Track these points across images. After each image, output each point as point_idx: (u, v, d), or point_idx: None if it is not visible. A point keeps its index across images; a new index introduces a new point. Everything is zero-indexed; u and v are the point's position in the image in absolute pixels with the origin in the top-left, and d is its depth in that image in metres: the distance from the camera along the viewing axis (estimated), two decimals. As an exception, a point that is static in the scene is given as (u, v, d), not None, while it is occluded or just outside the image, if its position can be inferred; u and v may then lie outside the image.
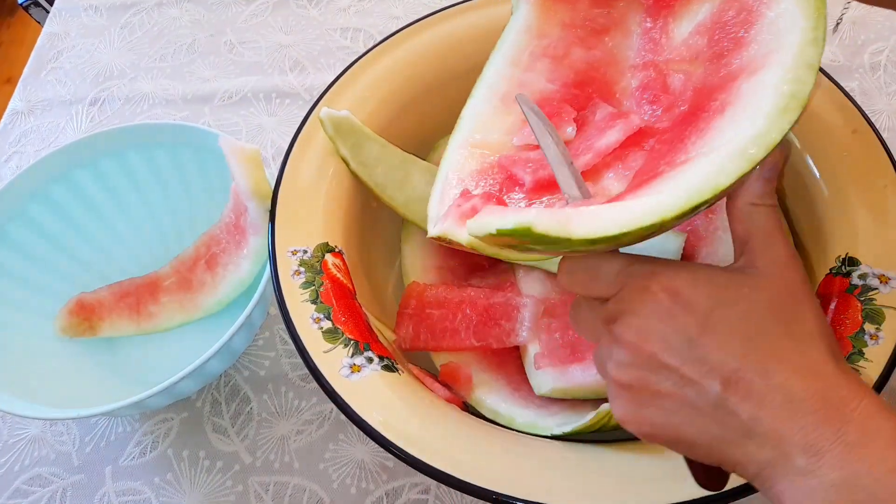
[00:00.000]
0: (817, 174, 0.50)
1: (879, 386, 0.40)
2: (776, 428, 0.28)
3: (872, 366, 0.41)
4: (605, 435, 0.44)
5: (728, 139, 0.31)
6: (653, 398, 0.31)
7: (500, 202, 0.40)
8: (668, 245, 0.46)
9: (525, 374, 0.49)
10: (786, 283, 0.31)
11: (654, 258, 0.34)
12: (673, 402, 0.31)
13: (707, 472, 0.34)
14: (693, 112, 0.36)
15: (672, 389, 0.30)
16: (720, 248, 0.48)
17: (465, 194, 0.41)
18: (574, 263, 0.34)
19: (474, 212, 0.38)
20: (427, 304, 0.51)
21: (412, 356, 0.52)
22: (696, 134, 0.34)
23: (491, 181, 0.44)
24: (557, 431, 0.43)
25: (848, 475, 0.27)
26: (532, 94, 0.46)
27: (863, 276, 0.44)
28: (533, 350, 0.48)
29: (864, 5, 0.77)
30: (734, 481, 0.37)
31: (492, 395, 0.48)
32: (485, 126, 0.47)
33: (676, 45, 0.41)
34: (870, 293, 0.43)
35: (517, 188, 0.42)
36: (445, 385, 0.49)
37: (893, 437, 0.27)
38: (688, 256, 0.50)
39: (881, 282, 0.44)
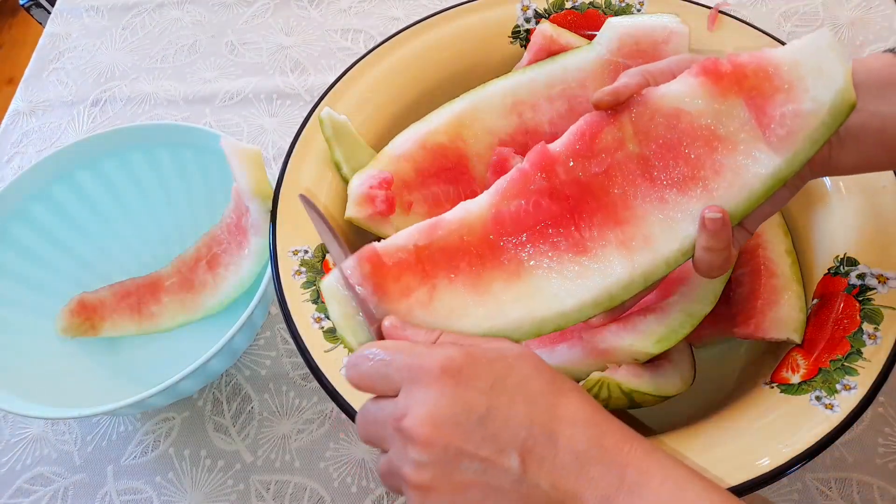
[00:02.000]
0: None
1: (878, 385, 0.40)
2: (572, 488, 0.30)
3: (871, 365, 0.41)
4: None
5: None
6: (458, 493, 0.31)
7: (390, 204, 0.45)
8: None
9: None
10: (532, 355, 0.34)
11: (429, 348, 0.34)
12: (479, 491, 0.30)
13: None
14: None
15: (475, 477, 0.30)
16: None
17: (383, 184, 0.46)
18: (359, 359, 0.34)
19: (384, 204, 0.42)
20: None
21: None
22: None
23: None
24: None
25: None
26: (528, 120, 0.52)
27: (861, 276, 0.45)
28: None
29: (863, 5, 0.78)
30: (730, 480, 0.37)
31: None
32: (482, 113, 0.52)
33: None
34: (868, 293, 0.44)
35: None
36: None
37: (663, 474, 0.31)
38: None
39: (879, 282, 0.44)
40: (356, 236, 0.53)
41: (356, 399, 0.42)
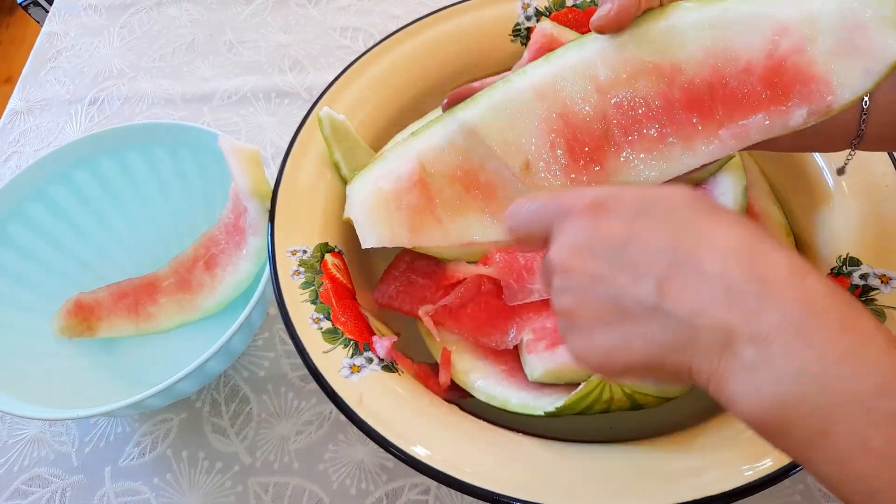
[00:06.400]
0: (820, 173, 0.50)
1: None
2: (719, 319, 0.26)
3: (874, 366, 0.40)
4: (599, 417, 0.44)
5: None
6: (596, 319, 0.30)
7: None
8: None
9: (521, 364, 0.49)
10: (692, 191, 0.31)
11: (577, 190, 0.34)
12: (614, 317, 0.30)
13: None
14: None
15: (610, 302, 0.30)
16: None
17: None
18: (515, 208, 0.34)
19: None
20: (414, 270, 0.53)
21: (414, 350, 0.52)
22: None
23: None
24: (550, 408, 0.43)
25: (797, 365, 0.25)
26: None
27: (864, 277, 0.44)
28: (526, 337, 0.49)
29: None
30: (733, 482, 0.37)
31: (487, 380, 0.48)
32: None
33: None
34: (871, 293, 0.43)
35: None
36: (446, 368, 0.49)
37: (841, 319, 0.25)
38: None
39: (882, 282, 0.44)
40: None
41: (355, 400, 0.42)
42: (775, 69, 0.36)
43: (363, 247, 0.46)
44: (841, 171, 0.45)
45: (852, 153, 0.40)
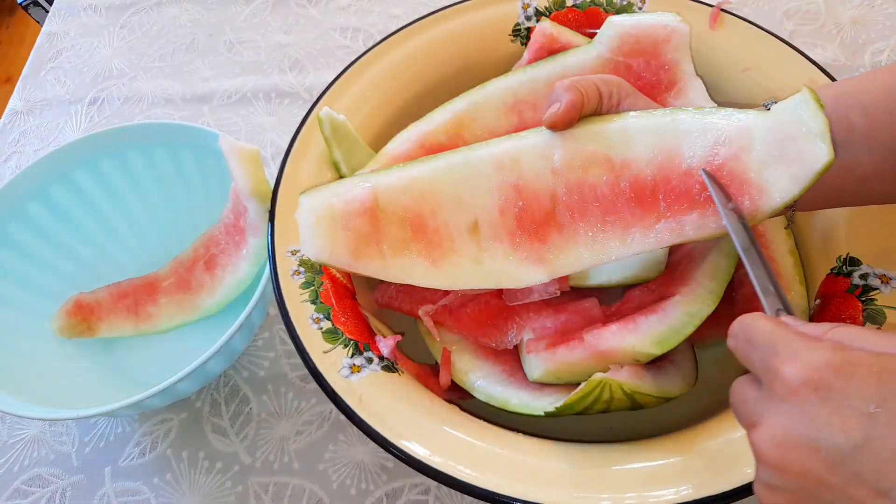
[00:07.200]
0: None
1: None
2: None
3: (874, 366, 0.40)
4: (599, 417, 0.44)
5: None
6: None
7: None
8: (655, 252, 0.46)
9: (521, 364, 0.49)
10: None
11: (796, 333, 0.28)
12: None
13: None
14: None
15: None
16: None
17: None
18: (739, 327, 0.30)
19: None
20: None
21: (414, 350, 0.52)
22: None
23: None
24: (550, 409, 0.43)
25: None
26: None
27: (864, 277, 0.44)
28: (526, 337, 0.49)
29: (865, 3, 0.77)
30: (733, 482, 0.37)
31: (486, 380, 0.48)
32: (482, 113, 0.52)
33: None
34: (871, 293, 0.43)
35: None
36: (446, 368, 0.49)
37: None
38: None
39: (882, 282, 0.44)
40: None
41: (355, 400, 0.42)
42: (714, 173, 0.39)
43: (304, 252, 0.44)
44: (788, 226, 0.49)
45: (791, 215, 0.42)
